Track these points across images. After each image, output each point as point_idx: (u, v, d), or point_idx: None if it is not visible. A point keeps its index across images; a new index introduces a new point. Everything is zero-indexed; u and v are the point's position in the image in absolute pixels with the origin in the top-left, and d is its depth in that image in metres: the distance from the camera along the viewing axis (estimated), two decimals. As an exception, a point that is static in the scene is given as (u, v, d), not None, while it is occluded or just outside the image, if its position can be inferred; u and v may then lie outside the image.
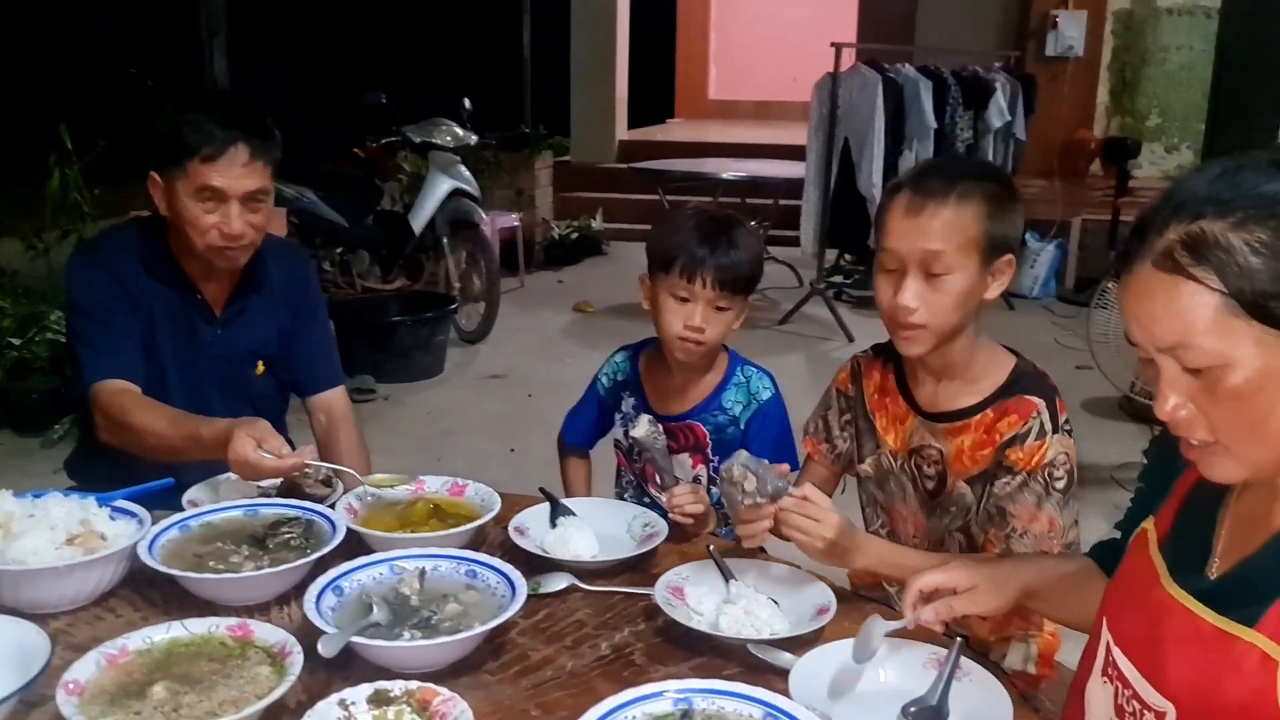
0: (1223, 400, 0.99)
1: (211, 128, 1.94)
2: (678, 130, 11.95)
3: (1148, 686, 1.11)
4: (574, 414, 2.23)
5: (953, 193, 1.60)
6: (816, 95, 6.34)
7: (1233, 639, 1.02)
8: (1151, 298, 1.00)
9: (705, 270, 1.89)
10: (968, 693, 1.28)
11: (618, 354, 2.18)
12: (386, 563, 1.50)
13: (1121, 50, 8.30)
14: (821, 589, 1.54)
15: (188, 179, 1.95)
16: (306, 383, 2.28)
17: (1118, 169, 7.18)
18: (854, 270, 7.40)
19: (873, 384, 1.85)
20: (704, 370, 2.04)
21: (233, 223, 1.97)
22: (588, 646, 1.45)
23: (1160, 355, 1.01)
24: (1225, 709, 1.02)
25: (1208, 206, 0.97)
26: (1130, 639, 1.15)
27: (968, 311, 1.65)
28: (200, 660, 1.29)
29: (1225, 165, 0.99)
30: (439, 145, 6.13)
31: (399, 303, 5.75)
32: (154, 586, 1.55)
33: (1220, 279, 0.95)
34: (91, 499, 1.60)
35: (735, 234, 1.93)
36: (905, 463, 1.79)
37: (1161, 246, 0.98)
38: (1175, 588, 1.11)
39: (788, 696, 1.22)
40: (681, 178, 7.40)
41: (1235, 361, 0.97)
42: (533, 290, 7.39)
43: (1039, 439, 1.64)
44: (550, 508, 1.78)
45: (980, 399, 1.70)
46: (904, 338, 1.67)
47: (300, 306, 2.24)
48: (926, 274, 1.61)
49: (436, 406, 5.12)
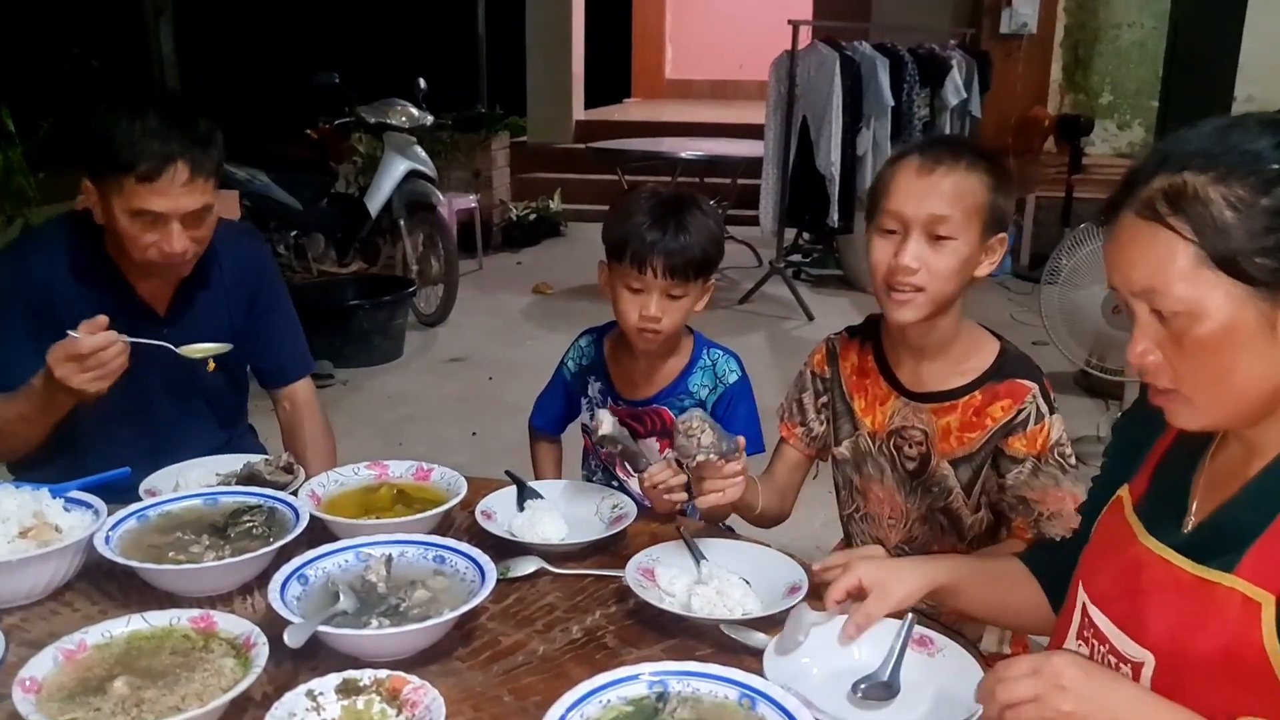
0: (1188, 349, 1.02)
1: (147, 142, 1.77)
2: (634, 110, 11.90)
3: (1125, 639, 1.13)
4: (542, 399, 2.20)
5: (963, 160, 1.63)
6: (774, 74, 6.33)
7: (1212, 586, 1.05)
8: (1131, 244, 1.03)
9: (655, 259, 1.86)
10: (941, 667, 1.29)
11: (582, 338, 2.16)
12: (352, 549, 1.47)
13: (1074, 27, 8.37)
14: (793, 567, 1.53)
15: (123, 197, 1.79)
16: (271, 373, 2.22)
17: (1071, 146, 7.23)
18: (813, 249, 7.42)
19: (850, 365, 1.84)
20: (668, 354, 2.02)
21: (174, 242, 1.83)
22: (559, 630, 1.43)
23: (1134, 300, 1.05)
24: (1205, 654, 1.04)
25: (1195, 159, 1.00)
26: (1108, 596, 1.17)
27: (961, 282, 1.66)
28: (161, 654, 1.26)
29: (1219, 123, 1.02)
30: (394, 126, 6.06)
31: (356, 286, 5.67)
32: (111, 579, 1.51)
33: (1195, 231, 0.98)
34: (44, 490, 1.55)
35: (687, 217, 1.89)
36: (884, 444, 1.79)
37: (1145, 195, 1.02)
38: (1153, 541, 1.13)
39: (762, 676, 1.22)
40: (640, 158, 7.36)
41: (1204, 311, 1.00)
42: (491, 272, 7.34)
43: (1039, 422, 1.67)
44: (517, 491, 1.76)
45: (968, 380, 1.71)
46: (898, 300, 1.65)
47: (258, 296, 2.14)
48: (930, 236, 1.62)
49: (396, 391, 5.07)
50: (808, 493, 2.00)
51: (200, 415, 2.12)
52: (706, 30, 13.15)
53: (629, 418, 2.03)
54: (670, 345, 2.01)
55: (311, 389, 2.25)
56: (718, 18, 12.99)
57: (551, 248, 8.19)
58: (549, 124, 9.54)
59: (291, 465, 1.78)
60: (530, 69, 9.56)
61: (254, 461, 1.78)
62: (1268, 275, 0.98)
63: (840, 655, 1.33)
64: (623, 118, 10.64)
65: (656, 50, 13.45)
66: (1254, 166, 0.98)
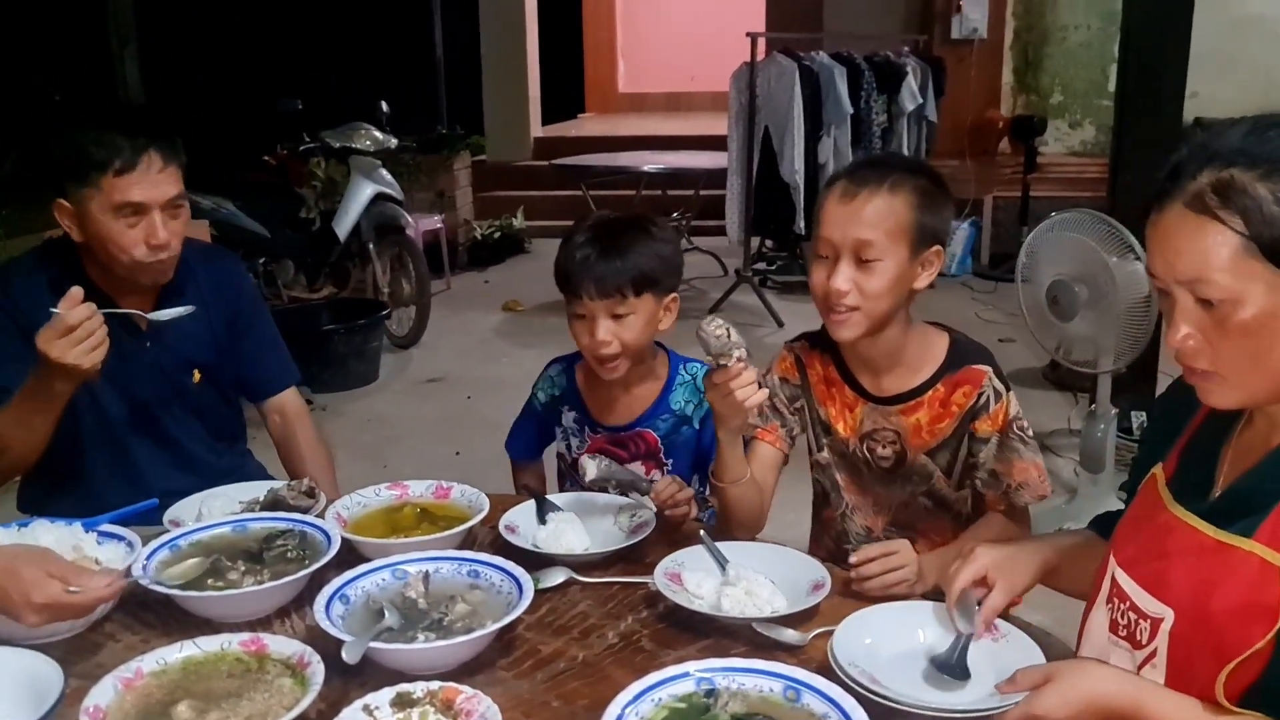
0: (1230, 334, 1.09)
1: (118, 140, 1.86)
2: (590, 125, 11.95)
3: (1146, 596, 1.21)
4: (515, 429, 2.21)
5: (885, 183, 1.70)
6: (735, 85, 6.41)
7: (1231, 549, 1.13)
8: (1179, 234, 1.10)
9: (586, 281, 1.87)
10: (1004, 652, 1.34)
11: (551, 367, 2.15)
12: (388, 568, 1.51)
13: (1023, 30, 8.54)
14: (814, 565, 1.58)
15: (102, 196, 1.87)
16: (257, 387, 2.27)
17: (1026, 146, 7.39)
18: (777, 256, 7.51)
19: (816, 374, 1.90)
20: (643, 377, 2.02)
21: (158, 232, 1.91)
22: (596, 636, 1.47)
23: (1178, 287, 1.12)
24: (1222, 610, 1.12)
25: (1240, 157, 1.07)
26: (1134, 559, 1.25)
27: (898, 298, 1.73)
28: (218, 677, 1.29)
29: (1256, 123, 1.10)
30: (359, 150, 6.05)
31: (329, 311, 5.66)
32: (147, 609, 1.54)
33: (1244, 223, 1.06)
34: (78, 524, 1.58)
35: (624, 238, 1.89)
36: (859, 447, 1.86)
37: (1194, 189, 1.09)
38: (1180, 509, 1.21)
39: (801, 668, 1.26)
40: (604, 173, 7.41)
41: (1246, 299, 1.07)
42: (460, 292, 7.35)
43: (999, 401, 1.77)
44: (537, 505, 1.80)
45: (926, 378, 1.80)
46: (836, 321, 1.74)
47: (237, 311, 2.19)
48: (858, 260, 1.69)
49: (376, 413, 5.07)
50: (798, 497, 2.05)
51: (192, 430, 2.16)
52: (657, 43, 13.23)
53: (611, 444, 2.04)
54: (643, 369, 2.02)
55: (299, 399, 2.31)
56: (668, 30, 13.08)
57: (518, 265, 8.22)
58: (508, 142, 9.56)
59: (313, 490, 1.81)
60: (487, 89, 9.58)
61: (277, 487, 1.81)
62: None
63: (905, 637, 1.39)
64: (579, 133, 10.69)
65: (609, 65, 13.51)
66: None
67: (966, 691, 1.29)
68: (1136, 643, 1.22)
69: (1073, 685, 1.14)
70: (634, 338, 1.91)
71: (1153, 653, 1.19)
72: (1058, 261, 3.51)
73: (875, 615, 1.42)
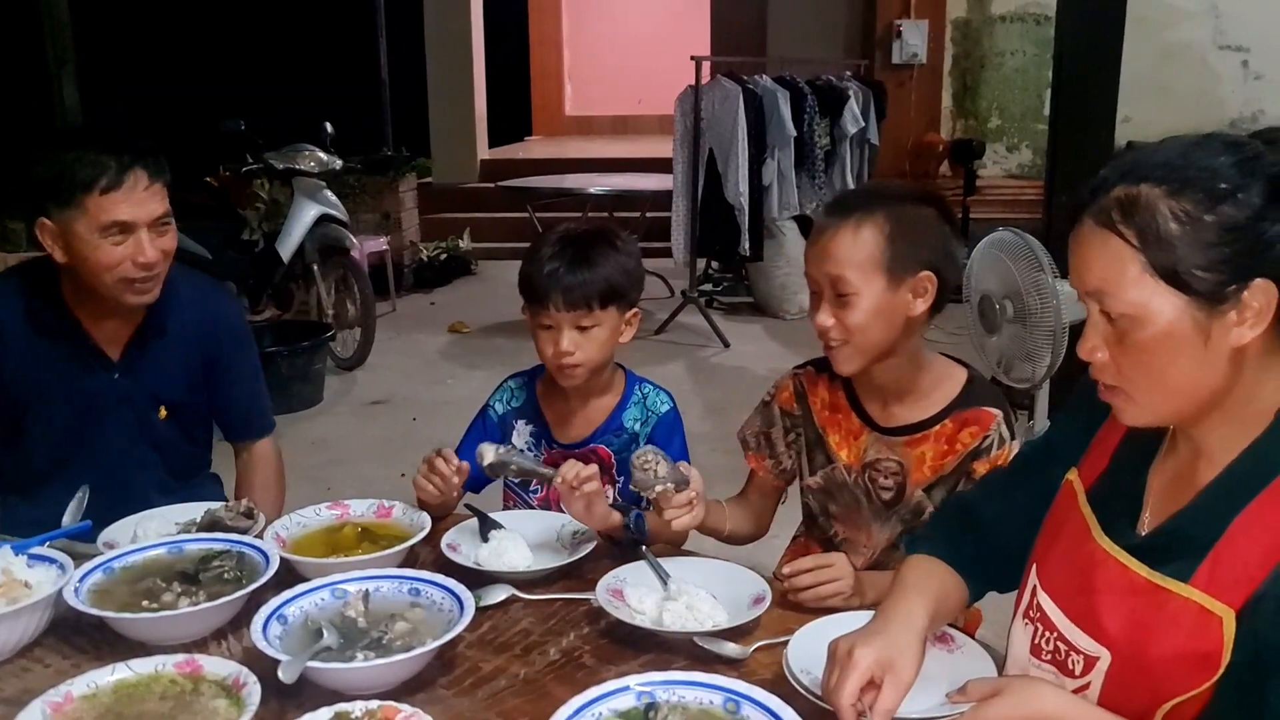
0: (1130, 349, 1.09)
1: (102, 158, 1.85)
2: (537, 147, 11.99)
3: (1079, 633, 1.19)
4: (465, 440, 2.12)
5: (851, 217, 1.68)
6: (679, 108, 6.47)
7: (1167, 593, 1.10)
8: (1087, 247, 1.11)
9: (554, 293, 1.88)
10: (959, 662, 1.36)
11: (510, 380, 2.14)
12: (327, 587, 1.49)
13: (961, 56, 8.74)
14: (754, 579, 1.60)
15: (88, 216, 1.85)
16: (228, 429, 2.24)
17: (965, 169, 7.54)
18: (723, 277, 7.56)
19: (820, 400, 1.88)
20: (601, 392, 2.03)
21: (146, 251, 1.89)
22: (537, 653, 1.47)
23: (1087, 299, 1.12)
24: (1161, 657, 1.10)
25: (1155, 172, 1.07)
26: (1061, 589, 1.23)
27: (889, 328, 1.70)
28: (151, 700, 1.26)
29: (1188, 140, 1.09)
30: (303, 171, 6.00)
31: (272, 333, 5.59)
32: (79, 632, 1.50)
33: (1140, 240, 1.06)
34: (7, 547, 1.54)
35: (592, 251, 1.90)
36: (859, 476, 1.83)
37: (1104, 203, 1.09)
38: (1108, 541, 1.19)
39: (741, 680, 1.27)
40: (550, 195, 7.43)
41: (1146, 316, 1.07)
42: (406, 314, 7.31)
43: (1000, 448, 1.73)
44: (479, 523, 1.79)
45: (937, 410, 1.76)
46: (832, 355, 1.75)
47: (220, 351, 2.15)
48: (836, 295, 1.69)
49: (320, 436, 5.02)
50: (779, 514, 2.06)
51: (147, 465, 2.11)
52: (604, 67, 13.32)
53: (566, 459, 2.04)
54: (602, 383, 2.02)
55: (270, 447, 2.26)
56: (615, 54, 13.17)
57: (464, 287, 8.20)
58: (454, 164, 9.55)
59: (251, 510, 1.79)
60: (433, 111, 9.57)
61: (214, 508, 1.78)
62: (1205, 287, 1.04)
63: None
64: (526, 155, 10.72)
65: (556, 87, 13.58)
66: (1206, 183, 1.03)
67: (917, 699, 1.30)
68: (1068, 671, 1.20)
69: (1024, 701, 1.13)
70: (598, 350, 1.93)
71: (1086, 685, 1.17)
72: (986, 279, 3.60)
73: (830, 626, 1.42)
